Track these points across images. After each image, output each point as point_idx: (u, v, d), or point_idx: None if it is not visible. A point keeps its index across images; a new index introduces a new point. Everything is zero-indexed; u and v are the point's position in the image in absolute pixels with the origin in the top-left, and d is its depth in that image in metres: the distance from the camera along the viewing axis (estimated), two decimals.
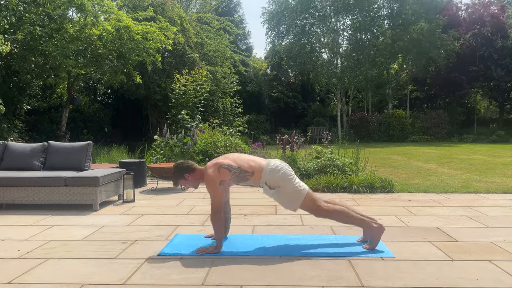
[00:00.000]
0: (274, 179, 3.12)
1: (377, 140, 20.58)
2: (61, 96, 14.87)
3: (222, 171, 3.09)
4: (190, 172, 3.22)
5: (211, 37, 16.35)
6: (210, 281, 2.52)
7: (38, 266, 2.84)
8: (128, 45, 10.08)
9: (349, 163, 6.89)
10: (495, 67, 20.78)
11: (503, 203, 5.00)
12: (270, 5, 23.85)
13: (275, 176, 3.12)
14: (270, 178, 3.13)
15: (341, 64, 23.10)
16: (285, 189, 3.12)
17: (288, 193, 3.13)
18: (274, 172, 3.13)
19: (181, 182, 3.27)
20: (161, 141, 8.57)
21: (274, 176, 3.12)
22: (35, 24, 8.70)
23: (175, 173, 3.26)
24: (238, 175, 3.12)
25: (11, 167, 5.25)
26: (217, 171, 3.09)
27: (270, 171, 3.14)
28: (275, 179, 3.12)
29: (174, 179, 3.28)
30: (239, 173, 3.12)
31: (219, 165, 3.11)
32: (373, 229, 3.14)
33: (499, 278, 2.55)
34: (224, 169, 3.09)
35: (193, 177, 3.23)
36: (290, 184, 3.13)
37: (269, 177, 3.13)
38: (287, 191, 3.12)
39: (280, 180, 3.12)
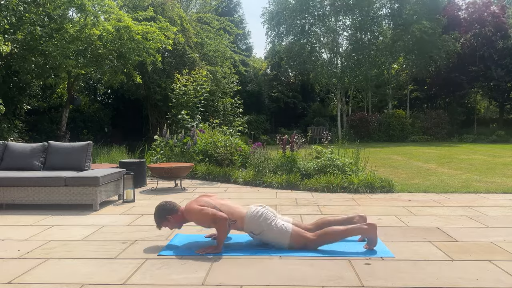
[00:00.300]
0: (256, 225, 3.15)
1: (377, 140, 20.58)
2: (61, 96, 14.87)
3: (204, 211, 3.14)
4: (172, 214, 3.27)
5: (211, 37, 16.35)
6: (210, 281, 2.52)
7: (38, 266, 2.84)
8: (128, 45, 10.08)
9: (349, 163, 6.89)
10: (495, 67, 20.78)
11: (503, 203, 5.00)
12: (270, 5, 23.87)
13: (257, 222, 3.14)
14: (252, 225, 3.15)
15: (341, 64, 23.10)
16: (269, 232, 3.13)
17: (274, 235, 3.13)
18: (254, 219, 3.15)
19: (164, 224, 3.29)
20: (161, 141, 8.57)
21: (255, 222, 3.15)
22: (35, 24, 8.70)
23: (157, 215, 3.29)
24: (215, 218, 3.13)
25: (11, 167, 5.25)
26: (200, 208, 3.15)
27: (250, 218, 3.16)
28: (257, 225, 3.14)
29: (157, 220, 3.30)
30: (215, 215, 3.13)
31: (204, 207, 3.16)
32: (365, 230, 3.13)
33: (499, 278, 2.55)
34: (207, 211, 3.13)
35: (176, 219, 3.28)
36: (272, 226, 3.13)
37: (250, 224, 3.16)
38: (272, 234, 3.13)
39: (262, 224, 3.14)
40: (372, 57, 22.09)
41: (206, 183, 6.99)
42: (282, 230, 3.12)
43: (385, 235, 3.54)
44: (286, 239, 3.11)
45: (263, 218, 3.15)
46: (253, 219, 3.15)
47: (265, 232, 3.13)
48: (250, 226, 3.16)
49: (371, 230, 3.11)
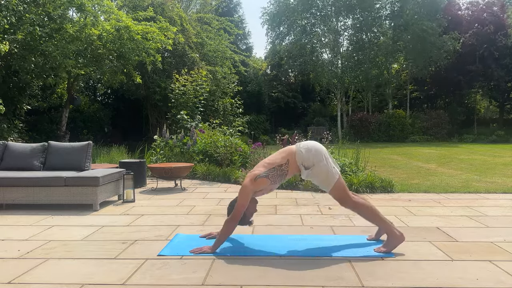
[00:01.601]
0: (308, 158, 3.09)
1: (377, 140, 20.59)
2: (61, 96, 14.87)
3: (259, 181, 3.10)
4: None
5: (211, 37, 16.35)
6: (210, 281, 2.52)
7: (38, 266, 2.84)
8: (128, 45, 10.08)
9: (349, 163, 6.89)
10: (495, 66, 20.79)
11: (503, 203, 4.99)
12: (270, 5, 23.87)
13: (309, 155, 3.09)
14: (304, 157, 3.09)
15: (342, 64, 23.11)
16: (319, 168, 3.08)
17: (322, 172, 3.08)
18: (306, 152, 3.10)
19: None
20: (161, 141, 8.57)
21: (307, 155, 3.09)
22: (35, 24, 8.70)
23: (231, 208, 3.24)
24: (277, 173, 3.11)
25: (11, 167, 5.25)
26: (254, 182, 3.10)
27: (302, 151, 3.11)
28: (309, 158, 3.09)
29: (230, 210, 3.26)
30: (276, 172, 3.11)
31: (257, 175, 3.11)
32: (395, 236, 3.09)
33: (499, 278, 2.55)
34: (261, 178, 3.10)
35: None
36: (322, 163, 3.08)
37: (302, 156, 3.10)
38: (321, 170, 3.08)
39: (313, 158, 3.08)
40: (373, 57, 22.09)
41: (206, 183, 6.99)
42: (330, 172, 3.09)
43: (385, 235, 3.53)
44: (330, 184, 3.09)
45: (315, 151, 3.10)
46: (305, 151, 3.10)
47: (315, 168, 3.08)
48: (303, 158, 3.10)
49: (399, 240, 3.08)
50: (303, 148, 3.13)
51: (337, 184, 3.10)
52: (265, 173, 3.11)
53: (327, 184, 3.11)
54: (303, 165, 3.11)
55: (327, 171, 3.09)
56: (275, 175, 3.11)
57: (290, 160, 3.12)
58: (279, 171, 3.12)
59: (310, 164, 3.09)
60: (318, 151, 3.12)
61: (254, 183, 3.09)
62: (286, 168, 3.12)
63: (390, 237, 3.11)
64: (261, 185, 3.11)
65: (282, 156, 3.16)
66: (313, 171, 3.10)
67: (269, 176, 3.10)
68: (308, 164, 3.09)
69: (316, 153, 3.10)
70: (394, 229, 3.13)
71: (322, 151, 3.14)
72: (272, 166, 3.13)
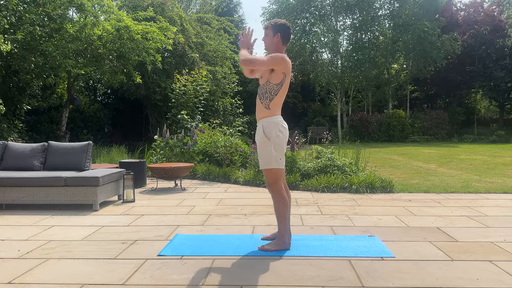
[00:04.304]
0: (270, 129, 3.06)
1: (377, 140, 20.59)
2: (61, 96, 14.86)
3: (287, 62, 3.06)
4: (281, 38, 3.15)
5: (211, 37, 16.33)
6: (210, 281, 2.52)
7: (38, 266, 2.84)
8: (128, 45, 10.07)
9: (349, 163, 6.89)
10: (495, 67, 20.79)
11: (503, 203, 5.00)
12: (270, 4, 23.86)
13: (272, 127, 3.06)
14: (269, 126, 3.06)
15: (341, 64, 23.10)
16: (267, 147, 3.06)
17: (265, 154, 3.07)
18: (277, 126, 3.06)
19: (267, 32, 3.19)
20: (161, 141, 8.57)
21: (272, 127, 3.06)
22: (35, 24, 8.70)
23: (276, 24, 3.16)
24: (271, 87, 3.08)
25: (11, 167, 5.25)
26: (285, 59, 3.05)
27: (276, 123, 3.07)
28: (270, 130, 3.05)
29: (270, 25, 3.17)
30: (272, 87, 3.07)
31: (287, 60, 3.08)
32: (282, 241, 3.14)
33: (499, 278, 2.55)
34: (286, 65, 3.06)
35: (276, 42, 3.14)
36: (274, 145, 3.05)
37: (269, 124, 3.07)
38: (267, 151, 3.06)
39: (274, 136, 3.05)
40: (372, 57, 22.09)
41: (206, 183, 6.99)
42: (276, 160, 3.06)
43: (385, 235, 3.54)
44: (266, 165, 3.08)
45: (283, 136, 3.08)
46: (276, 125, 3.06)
47: (268, 143, 3.05)
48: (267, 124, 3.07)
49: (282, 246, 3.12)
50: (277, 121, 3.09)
51: (273, 171, 3.09)
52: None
53: (263, 164, 3.10)
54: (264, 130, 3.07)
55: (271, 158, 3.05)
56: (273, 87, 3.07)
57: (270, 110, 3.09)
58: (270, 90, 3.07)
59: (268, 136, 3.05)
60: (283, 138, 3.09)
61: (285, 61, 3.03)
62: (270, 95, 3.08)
63: (279, 240, 3.15)
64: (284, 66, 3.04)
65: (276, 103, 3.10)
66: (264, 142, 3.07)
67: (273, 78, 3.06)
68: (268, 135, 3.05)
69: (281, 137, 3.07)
70: (286, 236, 3.16)
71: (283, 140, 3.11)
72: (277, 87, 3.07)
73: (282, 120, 3.16)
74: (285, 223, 3.17)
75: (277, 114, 3.14)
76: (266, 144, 3.07)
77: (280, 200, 3.13)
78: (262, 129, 3.09)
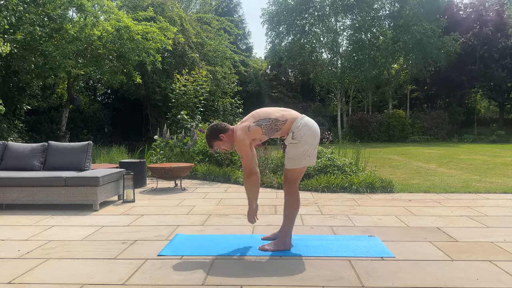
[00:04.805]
0: (301, 132, 3.03)
1: (377, 140, 20.59)
2: (61, 96, 14.86)
3: (252, 130, 3.05)
4: (225, 132, 3.16)
5: (211, 37, 16.34)
6: (210, 281, 2.52)
7: (38, 266, 2.84)
8: (128, 45, 10.08)
9: (349, 163, 6.89)
10: (495, 67, 20.79)
11: (503, 203, 4.99)
12: (270, 5, 23.87)
13: (305, 131, 3.03)
14: (300, 129, 3.04)
15: (341, 64, 23.11)
16: (299, 147, 3.03)
17: (298, 152, 3.04)
18: (305, 127, 3.04)
19: (216, 143, 3.19)
20: (161, 141, 8.57)
21: (304, 130, 3.03)
22: (35, 24, 8.70)
23: (210, 134, 3.18)
24: (270, 125, 3.06)
25: (11, 167, 5.25)
26: (248, 131, 3.04)
27: (303, 122, 3.05)
28: (302, 133, 3.03)
29: (209, 140, 3.19)
30: (270, 124, 3.06)
31: (248, 126, 3.06)
32: (283, 242, 3.14)
33: (499, 278, 2.55)
34: (254, 127, 3.05)
35: (228, 137, 3.16)
36: (306, 146, 3.03)
37: (299, 127, 3.04)
38: (299, 150, 3.04)
39: (305, 136, 3.03)
40: (372, 57, 22.10)
41: (206, 183, 6.99)
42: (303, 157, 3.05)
43: (385, 235, 3.54)
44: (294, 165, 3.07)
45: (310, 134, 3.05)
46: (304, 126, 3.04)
47: (298, 144, 3.02)
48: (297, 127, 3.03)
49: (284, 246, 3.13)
50: (306, 122, 3.08)
51: (298, 169, 3.10)
52: (257, 122, 3.07)
53: (292, 163, 3.09)
54: (293, 132, 3.05)
55: (302, 154, 3.05)
56: (268, 126, 3.07)
57: (288, 122, 3.07)
58: (274, 124, 3.07)
59: (298, 137, 3.04)
60: (313, 136, 3.08)
61: (248, 133, 3.05)
62: (280, 126, 3.07)
63: (280, 241, 3.15)
64: (254, 135, 3.06)
65: (282, 114, 3.11)
66: (294, 144, 3.05)
67: (262, 126, 3.06)
68: (297, 136, 3.04)
69: (310, 136, 3.06)
70: (288, 237, 3.16)
71: (315, 138, 3.10)
72: (268, 116, 3.08)
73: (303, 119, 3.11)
74: (290, 225, 3.17)
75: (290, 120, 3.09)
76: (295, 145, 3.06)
77: (291, 201, 3.15)
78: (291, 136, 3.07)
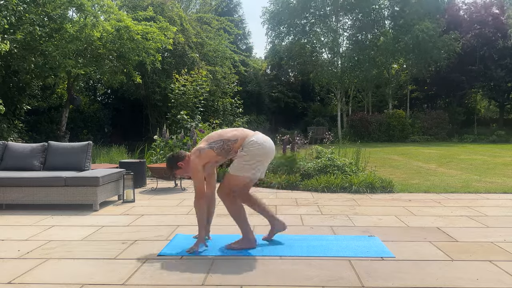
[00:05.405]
0: (250, 147, 3.10)
1: (377, 140, 20.58)
2: (61, 96, 14.86)
3: (204, 153, 3.12)
4: (183, 160, 3.26)
5: (211, 37, 16.33)
6: (210, 281, 2.52)
7: (38, 266, 2.84)
8: (128, 45, 10.07)
9: (349, 163, 6.89)
10: (495, 67, 20.78)
11: (503, 203, 4.99)
12: (270, 5, 23.86)
13: (255, 146, 3.10)
14: (249, 145, 3.11)
15: (341, 64, 23.10)
16: (244, 158, 3.09)
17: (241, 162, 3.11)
18: (256, 144, 3.10)
19: (177, 172, 3.30)
20: (161, 141, 8.56)
21: (253, 145, 3.10)
22: (35, 24, 8.69)
23: (168, 164, 3.31)
24: (222, 147, 3.12)
25: (11, 167, 5.25)
26: (199, 155, 3.11)
27: (254, 141, 3.11)
28: (251, 148, 3.10)
29: (169, 169, 3.33)
30: (222, 145, 3.12)
31: (200, 149, 3.14)
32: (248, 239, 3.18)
33: (499, 278, 2.55)
34: (207, 150, 3.12)
35: (186, 164, 3.25)
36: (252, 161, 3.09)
37: (249, 144, 3.11)
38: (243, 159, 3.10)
39: (253, 150, 3.09)
40: (372, 57, 22.08)
41: None
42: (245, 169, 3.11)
43: (385, 235, 3.54)
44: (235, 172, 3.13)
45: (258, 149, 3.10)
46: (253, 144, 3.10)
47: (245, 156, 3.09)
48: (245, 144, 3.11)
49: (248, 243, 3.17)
50: (257, 139, 3.13)
51: (237, 178, 3.14)
52: (209, 145, 3.14)
53: (233, 168, 3.15)
54: (242, 147, 3.12)
55: (245, 164, 3.10)
56: (219, 147, 3.12)
57: (239, 140, 3.13)
58: (225, 145, 3.13)
59: (246, 151, 3.10)
60: (263, 151, 3.12)
61: (200, 156, 3.11)
62: (232, 145, 3.13)
63: (245, 239, 3.19)
64: (207, 158, 3.12)
65: (234, 134, 3.17)
66: (241, 156, 3.11)
67: (214, 148, 3.12)
68: (245, 150, 3.10)
69: (260, 150, 3.11)
70: (250, 234, 3.19)
71: (266, 154, 3.15)
72: (220, 138, 3.15)
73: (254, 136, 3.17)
74: (243, 224, 3.21)
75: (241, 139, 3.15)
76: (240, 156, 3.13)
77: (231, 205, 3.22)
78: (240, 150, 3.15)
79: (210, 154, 3.13)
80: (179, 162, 3.25)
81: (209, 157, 3.13)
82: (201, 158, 3.11)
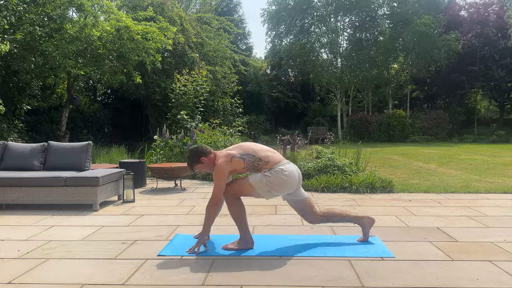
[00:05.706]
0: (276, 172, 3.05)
1: (377, 140, 20.58)
2: (61, 96, 14.85)
3: (234, 161, 3.05)
4: (206, 156, 3.17)
5: (211, 37, 16.33)
6: (210, 282, 2.52)
7: (38, 266, 2.84)
8: (128, 45, 10.07)
9: (349, 163, 6.89)
10: (496, 67, 20.77)
11: (503, 203, 4.99)
12: (270, 5, 23.88)
13: (281, 173, 3.05)
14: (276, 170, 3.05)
15: (341, 64, 23.10)
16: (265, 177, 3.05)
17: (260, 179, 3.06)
18: (282, 172, 3.05)
19: (197, 166, 3.20)
20: (161, 141, 8.56)
21: (279, 174, 3.05)
22: (34, 24, 8.69)
23: (191, 157, 3.20)
24: (253, 163, 3.07)
25: (11, 167, 5.25)
26: (229, 161, 3.05)
27: (281, 170, 3.06)
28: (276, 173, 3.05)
29: (190, 162, 3.21)
30: (253, 161, 3.07)
31: (232, 155, 3.06)
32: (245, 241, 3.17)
33: (499, 278, 2.55)
34: (238, 159, 3.06)
35: (209, 160, 3.17)
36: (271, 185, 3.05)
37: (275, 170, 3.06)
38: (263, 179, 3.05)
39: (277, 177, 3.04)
40: (372, 57, 22.08)
41: (206, 183, 6.99)
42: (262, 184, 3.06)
43: (385, 235, 3.54)
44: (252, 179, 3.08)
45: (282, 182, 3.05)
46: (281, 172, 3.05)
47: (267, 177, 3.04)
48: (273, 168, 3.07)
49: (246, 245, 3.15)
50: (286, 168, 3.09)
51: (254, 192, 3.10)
52: (241, 155, 3.07)
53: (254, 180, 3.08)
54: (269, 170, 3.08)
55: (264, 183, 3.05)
56: (250, 162, 3.07)
57: (270, 164, 3.09)
58: (256, 163, 3.08)
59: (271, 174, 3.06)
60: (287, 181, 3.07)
61: (230, 163, 3.05)
62: (262, 166, 3.08)
63: (242, 240, 3.18)
64: (235, 167, 3.07)
65: (267, 155, 3.12)
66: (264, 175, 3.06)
67: (245, 161, 3.07)
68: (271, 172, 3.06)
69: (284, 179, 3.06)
70: (247, 236, 3.18)
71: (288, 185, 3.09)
72: (254, 154, 3.09)
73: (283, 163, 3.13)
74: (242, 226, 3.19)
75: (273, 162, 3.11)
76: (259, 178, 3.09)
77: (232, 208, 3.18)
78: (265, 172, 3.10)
79: (239, 165, 3.07)
80: (202, 157, 3.16)
81: (236, 166, 3.08)
82: (230, 165, 3.05)
